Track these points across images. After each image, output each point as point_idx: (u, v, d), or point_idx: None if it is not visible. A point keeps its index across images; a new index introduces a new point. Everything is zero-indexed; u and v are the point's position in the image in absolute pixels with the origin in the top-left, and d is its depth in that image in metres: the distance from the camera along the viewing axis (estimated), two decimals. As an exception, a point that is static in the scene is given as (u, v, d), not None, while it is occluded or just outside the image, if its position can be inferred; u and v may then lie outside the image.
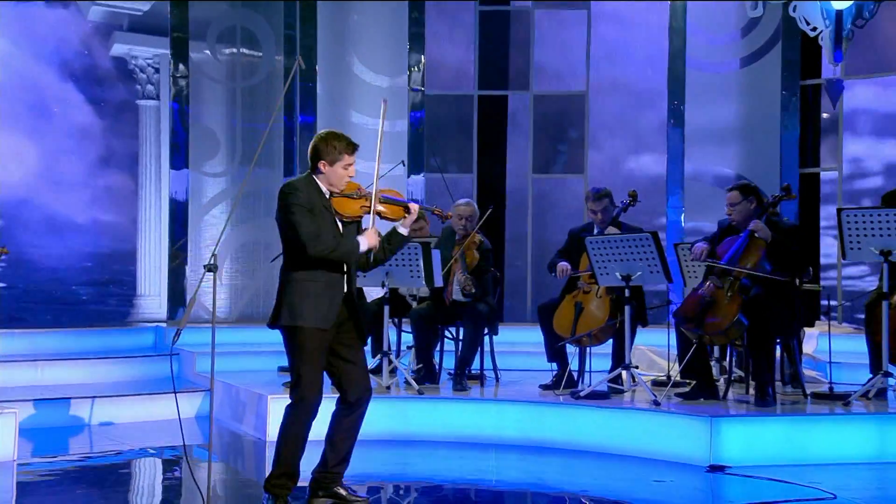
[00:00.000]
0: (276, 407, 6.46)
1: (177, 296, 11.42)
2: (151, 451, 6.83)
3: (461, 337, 7.19)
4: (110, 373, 8.66)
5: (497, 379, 7.44)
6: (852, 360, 7.35)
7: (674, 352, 7.01)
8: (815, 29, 10.34)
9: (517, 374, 7.96)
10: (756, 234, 6.30)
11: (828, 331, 7.21)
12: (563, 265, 6.99)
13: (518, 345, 8.78)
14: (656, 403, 6.02)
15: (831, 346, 7.04)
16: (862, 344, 6.99)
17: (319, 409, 4.43)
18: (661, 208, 11.77)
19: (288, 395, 4.51)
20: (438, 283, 6.77)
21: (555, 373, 6.96)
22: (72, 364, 8.47)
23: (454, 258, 7.06)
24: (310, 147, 4.46)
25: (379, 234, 4.54)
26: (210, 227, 11.65)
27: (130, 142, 13.02)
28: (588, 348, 6.97)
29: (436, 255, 6.76)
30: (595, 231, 7.07)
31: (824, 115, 11.62)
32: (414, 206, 4.61)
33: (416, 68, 11.69)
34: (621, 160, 12.11)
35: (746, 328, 6.18)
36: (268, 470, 6.03)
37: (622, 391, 6.60)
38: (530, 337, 8.84)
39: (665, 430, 5.91)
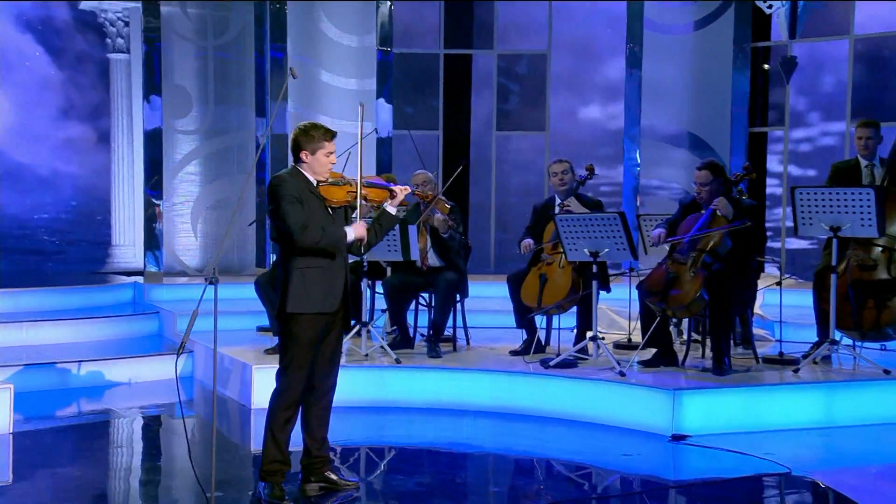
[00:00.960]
0: (261, 377, 6.52)
1: (153, 244, 11.28)
2: (141, 412, 6.87)
3: (433, 304, 7.23)
4: (94, 332, 8.60)
5: (468, 341, 7.48)
6: (795, 317, 7.44)
7: (634, 310, 7.22)
8: (770, 6, 10.36)
9: (484, 331, 7.99)
10: (718, 212, 6.36)
11: (778, 287, 7.29)
12: (527, 242, 7.06)
13: (484, 300, 8.83)
14: (622, 374, 6.10)
15: (781, 303, 7.16)
16: (804, 298, 7.19)
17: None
18: (618, 162, 11.84)
19: (274, 371, 4.51)
20: (414, 256, 6.77)
21: (524, 339, 7.04)
22: (56, 325, 8.41)
23: (424, 217, 7.04)
24: (290, 141, 4.45)
25: (368, 228, 4.53)
26: (184, 182, 11.49)
27: (102, 94, 12.77)
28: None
29: (412, 230, 6.74)
30: (556, 200, 7.13)
31: (765, 66, 11.71)
32: (399, 188, 4.60)
33: (383, 27, 11.51)
34: (581, 117, 12.10)
35: (707, 303, 6.28)
36: (253, 439, 6.17)
37: (587, 358, 6.66)
38: (496, 291, 8.93)
39: (630, 401, 5.97)
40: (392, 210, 4.58)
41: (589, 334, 6.64)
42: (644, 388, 5.94)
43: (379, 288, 7.65)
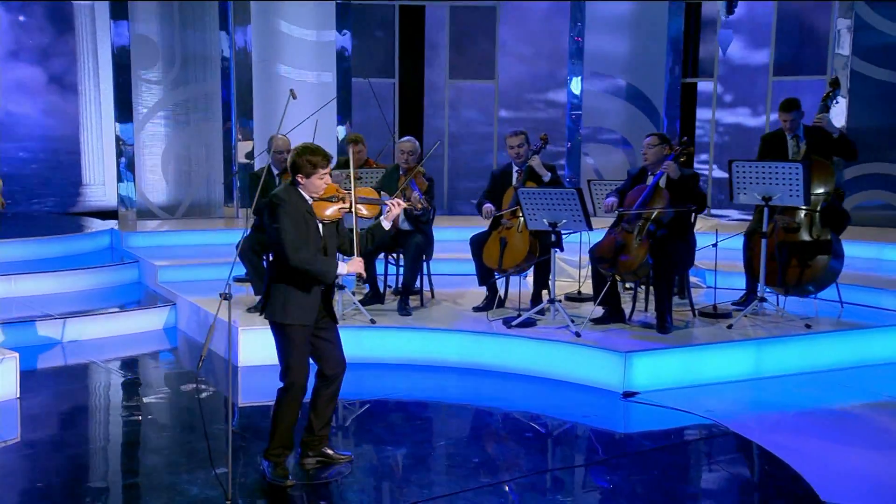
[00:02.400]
0: (247, 337, 6.61)
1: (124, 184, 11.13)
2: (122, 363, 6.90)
3: (402, 264, 7.31)
4: (77, 282, 8.50)
5: (432, 294, 7.58)
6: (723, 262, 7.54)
7: (583, 261, 7.49)
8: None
9: (445, 279, 8.01)
10: (670, 175, 6.49)
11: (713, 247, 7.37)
12: (488, 207, 7.11)
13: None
14: (577, 335, 6.26)
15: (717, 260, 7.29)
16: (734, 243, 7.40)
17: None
18: (562, 109, 11.90)
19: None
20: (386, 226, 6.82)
21: (486, 297, 7.18)
22: (41, 277, 8.28)
23: (403, 186, 7.07)
24: (288, 160, 4.43)
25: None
26: (150, 134, 11.28)
27: (67, 39, 12.32)
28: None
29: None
30: (514, 168, 7.19)
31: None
32: (392, 202, 4.63)
33: (341, -20, 11.27)
34: (529, 67, 12.04)
35: (651, 267, 6.47)
36: (241, 394, 6.26)
37: (543, 318, 6.78)
38: (451, 235, 9.16)
39: (586, 360, 6.11)
40: (387, 225, 4.64)
41: (546, 295, 6.81)
42: (598, 349, 6.09)
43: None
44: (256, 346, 6.52)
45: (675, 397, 5.84)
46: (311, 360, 4.54)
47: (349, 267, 4.45)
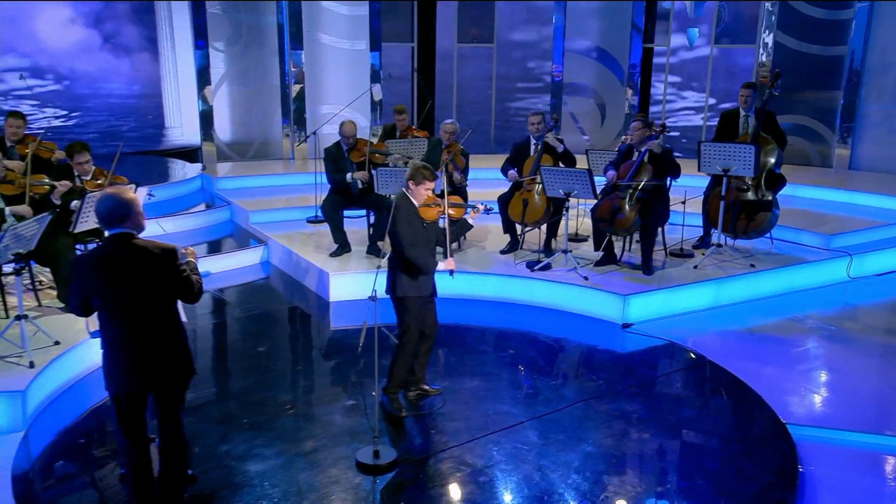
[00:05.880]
0: (335, 281, 6.77)
1: (204, 125, 11.05)
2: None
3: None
4: (188, 223, 8.60)
5: (465, 238, 7.65)
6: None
7: (580, 212, 7.79)
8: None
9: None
10: (653, 150, 6.64)
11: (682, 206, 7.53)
12: (512, 172, 7.24)
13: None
14: (586, 279, 6.59)
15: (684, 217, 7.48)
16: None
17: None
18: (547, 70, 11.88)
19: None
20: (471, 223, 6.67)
21: (509, 242, 7.42)
22: (161, 220, 8.22)
23: (446, 161, 7.25)
24: (410, 170, 4.57)
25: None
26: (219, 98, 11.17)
27: (150, 9, 11.97)
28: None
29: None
30: (532, 142, 7.31)
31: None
32: (477, 206, 4.93)
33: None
34: (523, 33, 11.95)
35: (639, 225, 6.79)
36: (331, 321, 6.51)
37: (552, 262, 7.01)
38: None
39: (595, 299, 6.36)
40: (472, 222, 4.90)
41: (554, 242, 7.08)
42: (603, 291, 6.35)
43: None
44: (341, 287, 6.81)
45: (659, 326, 6.18)
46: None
47: (445, 264, 4.65)
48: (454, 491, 3.96)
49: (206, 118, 10.96)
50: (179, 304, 3.49)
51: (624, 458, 4.31)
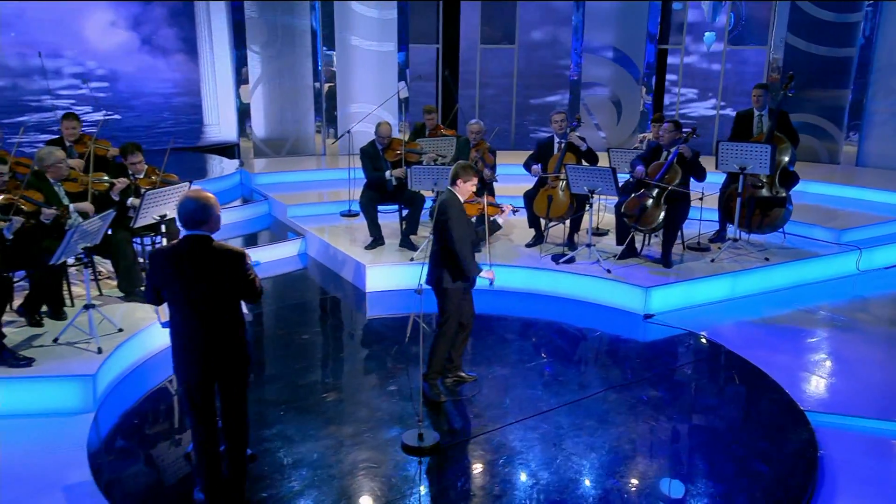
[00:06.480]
0: (372, 273, 6.86)
1: (241, 123, 11.18)
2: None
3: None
4: (229, 217, 8.58)
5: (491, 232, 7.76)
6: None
7: (601, 206, 7.78)
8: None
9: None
10: (683, 154, 6.64)
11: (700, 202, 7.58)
12: (537, 167, 7.27)
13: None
14: (608, 271, 6.67)
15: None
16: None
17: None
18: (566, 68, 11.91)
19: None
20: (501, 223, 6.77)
21: (534, 236, 7.49)
22: None
23: (475, 159, 7.34)
24: (454, 168, 4.66)
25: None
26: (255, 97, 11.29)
27: (189, 13, 12.08)
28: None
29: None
30: (555, 140, 7.36)
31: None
32: (506, 206, 5.01)
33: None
34: (542, 34, 11.98)
35: (663, 223, 6.82)
36: (368, 310, 6.61)
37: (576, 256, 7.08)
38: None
39: (617, 291, 6.44)
40: (501, 221, 5.00)
41: (584, 241, 7.12)
42: (626, 284, 6.42)
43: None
44: (377, 278, 6.93)
45: (679, 317, 6.25)
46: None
47: (485, 273, 4.71)
48: (495, 472, 4.09)
49: (243, 116, 11.08)
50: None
51: (651, 443, 4.42)
